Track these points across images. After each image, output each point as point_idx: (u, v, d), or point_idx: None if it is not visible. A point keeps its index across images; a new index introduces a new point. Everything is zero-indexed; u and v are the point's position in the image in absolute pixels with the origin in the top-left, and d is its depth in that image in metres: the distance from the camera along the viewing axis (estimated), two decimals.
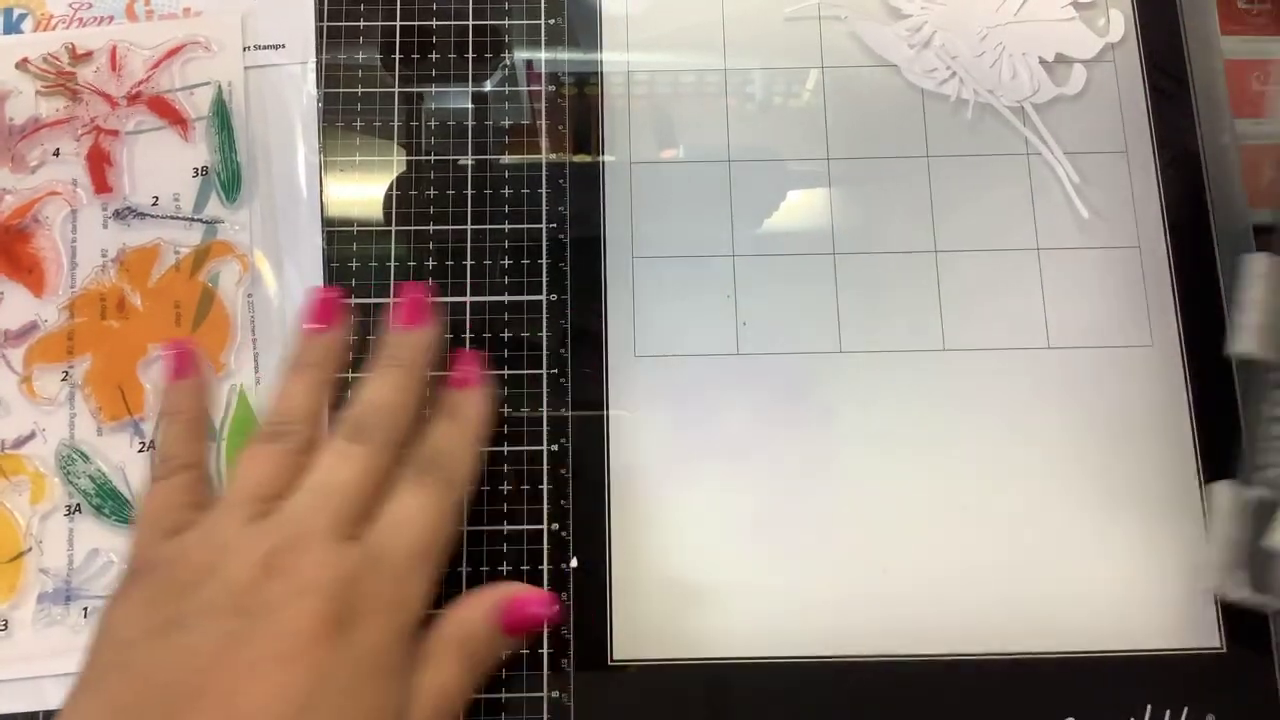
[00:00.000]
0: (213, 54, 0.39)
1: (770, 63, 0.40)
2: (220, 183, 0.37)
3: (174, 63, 0.38)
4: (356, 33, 0.40)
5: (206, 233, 0.37)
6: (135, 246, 0.37)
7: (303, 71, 0.39)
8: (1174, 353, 0.37)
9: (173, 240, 0.37)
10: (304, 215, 0.38)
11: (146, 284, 0.36)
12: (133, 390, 0.36)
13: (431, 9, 0.40)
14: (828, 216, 0.38)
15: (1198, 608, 0.35)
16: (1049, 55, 0.39)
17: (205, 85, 0.38)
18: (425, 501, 0.30)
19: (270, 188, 0.38)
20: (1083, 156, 0.39)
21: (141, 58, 0.38)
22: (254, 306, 0.37)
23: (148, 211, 0.37)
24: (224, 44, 0.39)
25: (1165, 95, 0.39)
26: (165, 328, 0.36)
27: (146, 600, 0.28)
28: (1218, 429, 0.36)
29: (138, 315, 0.36)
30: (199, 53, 0.39)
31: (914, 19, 0.40)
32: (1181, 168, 0.39)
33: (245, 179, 0.38)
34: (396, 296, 0.34)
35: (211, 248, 0.37)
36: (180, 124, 0.38)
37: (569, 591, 0.35)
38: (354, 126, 0.39)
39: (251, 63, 0.39)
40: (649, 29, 0.40)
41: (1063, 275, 0.37)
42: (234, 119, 0.38)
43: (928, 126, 0.39)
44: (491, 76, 0.39)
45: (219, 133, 0.38)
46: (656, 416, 0.36)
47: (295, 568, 0.27)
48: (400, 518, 0.30)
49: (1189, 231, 0.38)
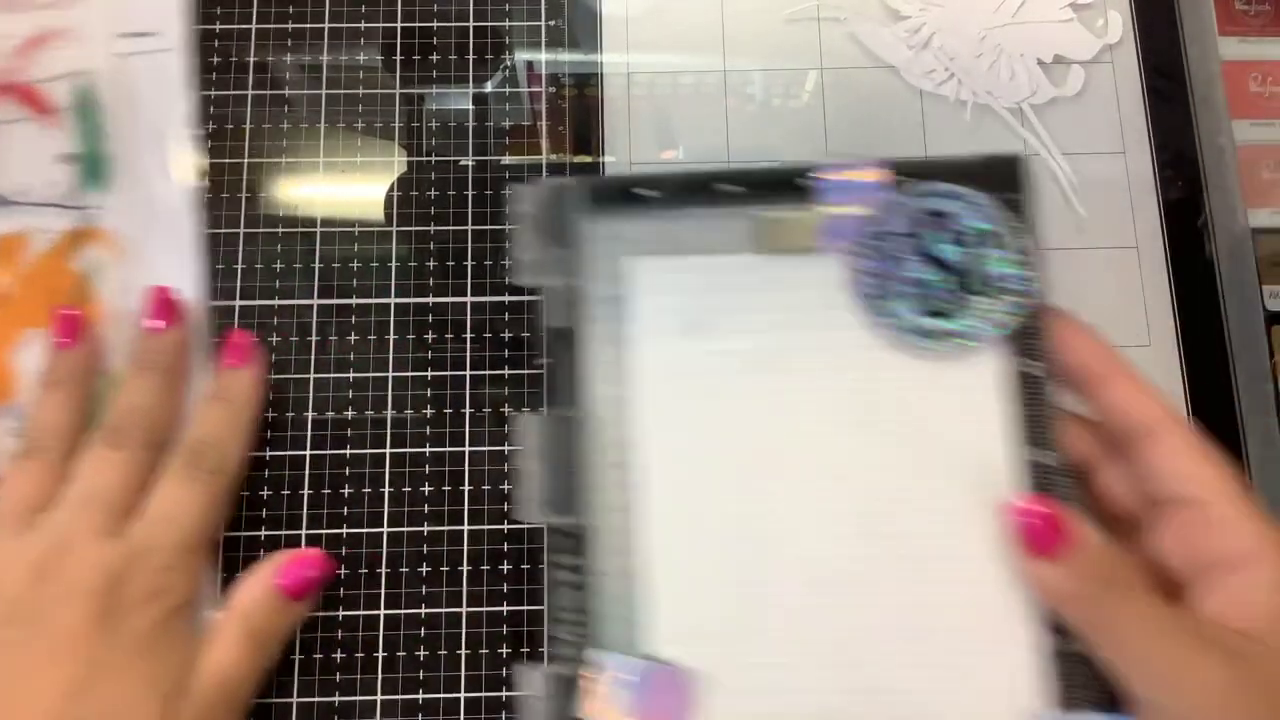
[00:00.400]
0: (80, 42, 0.39)
1: (770, 64, 0.40)
2: (88, 170, 0.38)
3: (40, 51, 0.38)
4: (357, 34, 0.40)
5: (78, 219, 0.37)
6: (4, 234, 0.37)
7: (173, 58, 0.39)
8: (1171, 353, 0.37)
9: (43, 227, 0.37)
10: (175, 200, 0.38)
11: (17, 271, 0.37)
12: (5, 377, 0.36)
13: (432, 10, 0.40)
14: None
15: None
16: (1047, 57, 0.40)
17: (73, 74, 0.38)
18: (188, 492, 0.32)
19: (140, 174, 0.38)
20: (1080, 157, 0.39)
21: (6, 46, 0.38)
22: (123, 292, 0.37)
23: (16, 200, 0.37)
24: (92, 32, 0.39)
25: (1163, 96, 0.39)
26: (37, 315, 0.36)
27: None
28: (1215, 430, 0.36)
29: (9, 303, 0.37)
30: (66, 41, 0.39)
31: (913, 20, 0.40)
32: (1179, 169, 0.39)
33: (114, 166, 0.38)
34: (145, 301, 0.35)
35: (82, 234, 0.37)
36: (47, 113, 0.38)
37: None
38: (354, 127, 0.39)
39: (122, 50, 0.39)
40: (649, 30, 0.40)
41: (1061, 275, 0.37)
42: (101, 106, 0.38)
43: (926, 127, 0.39)
44: (492, 78, 0.40)
45: (86, 120, 0.38)
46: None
47: (61, 572, 0.29)
48: (164, 511, 0.32)
49: (1186, 232, 0.38)
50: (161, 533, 0.31)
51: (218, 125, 0.39)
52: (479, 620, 0.35)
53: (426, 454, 0.36)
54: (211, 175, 0.39)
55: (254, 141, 0.39)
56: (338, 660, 0.34)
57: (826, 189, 0.32)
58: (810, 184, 0.32)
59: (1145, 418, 0.29)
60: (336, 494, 0.36)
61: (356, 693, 0.34)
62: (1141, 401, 0.29)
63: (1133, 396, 0.29)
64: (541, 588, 0.35)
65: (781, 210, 0.32)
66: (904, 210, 0.31)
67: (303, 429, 0.36)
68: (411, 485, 0.36)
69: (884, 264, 0.31)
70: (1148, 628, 0.27)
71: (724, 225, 0.32)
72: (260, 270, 0.38)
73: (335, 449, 0.36)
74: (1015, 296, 0.30)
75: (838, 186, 0.32)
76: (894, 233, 0.31)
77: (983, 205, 0.31)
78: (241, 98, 0.39)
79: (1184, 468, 0.28)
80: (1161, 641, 0.26)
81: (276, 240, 0.38)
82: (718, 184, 0.32)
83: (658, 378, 0.31)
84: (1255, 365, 0.37)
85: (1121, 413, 0.29)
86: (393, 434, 0.36)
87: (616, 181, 0.33)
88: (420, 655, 0.34)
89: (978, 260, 0.31)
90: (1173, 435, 0.28)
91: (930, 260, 0.31)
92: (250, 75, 0.40)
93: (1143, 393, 0.29)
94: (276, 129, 0.39)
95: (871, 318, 0.31)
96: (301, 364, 0.37)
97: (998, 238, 0.31)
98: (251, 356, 0.35)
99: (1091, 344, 0.30)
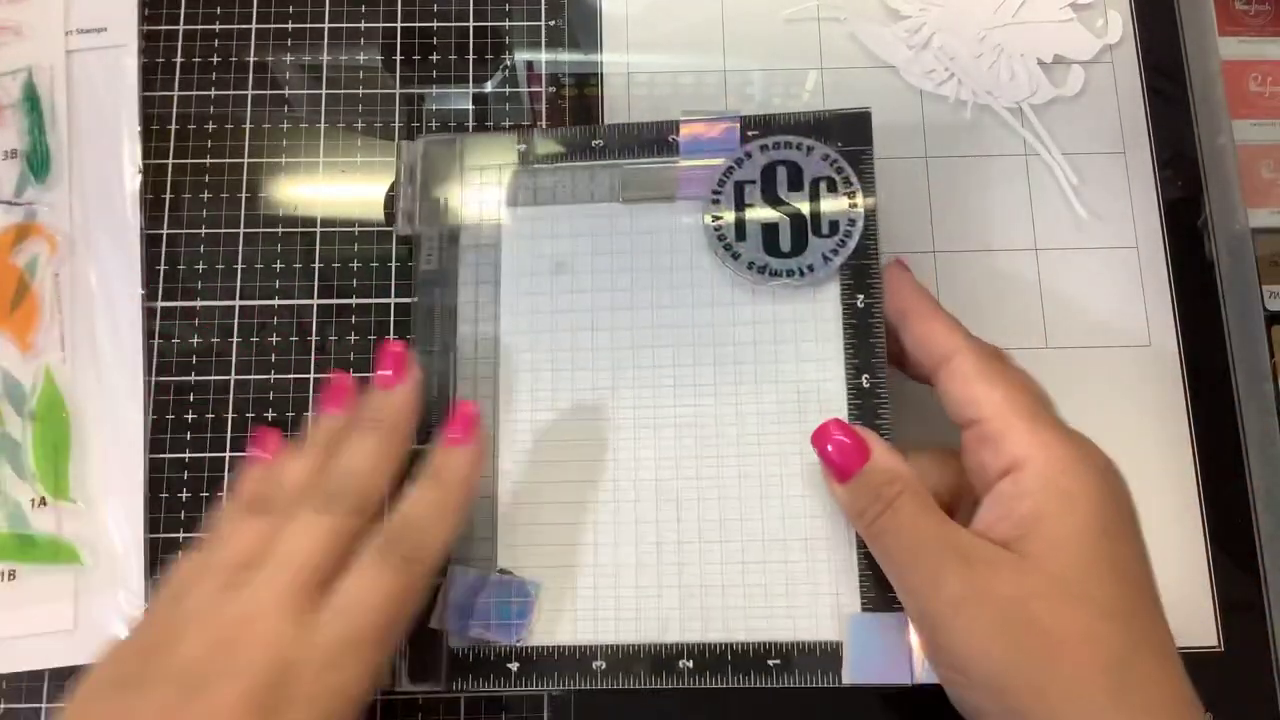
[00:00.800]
0: (31, 38, 0.39)
1: (769, 64, 0.40)
2: (30, 165, 0.38)
3: None
4: (358, 33, 0.40)
5: (23, 215, 0.38)
6: None
7: (124, 54, 0.39)
8: (1171, 353, 0.37)
9: None
10: (121, 195, 0.38)
11: None
12: None
13: (432, 10, 0.40)
14: None
15: (1195, 607, 0.35)
16: (1047, 56, 0.40)
17: (21, 70, 0.39)
18: (381, 581, 0.29)
19: (85, 169, 0.38)
20: (1081, 157, 0.39)
21: None
22: (61, 286, 0.37)
23: None
24: (42, 27, 0.39)
25: (1163, 96, 0.39)
26: None
27: (130, 649, 0.29)
28: (1215, 428, 0.36)
29: None
30: (16, 37, 0.39)
31: (913, 20, 0.40)
32: (1179, 168, 0.39)
33: (57, 161, 0.38)
34: (378, 353, 0.33)
35: (24, 229, 0.37)
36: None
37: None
38: (354, 127, 0.39)
39: (73, 46, 0.39)
40: (649, 30, 0.40)
41: (1061, 275, 0.38)
42: (45, 102, 0.38)
43: (926, 127, 0.39)
44: (492, 78, 0.40)
45: (29, 115, 0.38)
46: None
47: (238, 644, 0.28)
48: (352, 599, 0.29)
49: (1186, 232, 0.38)
50: (343, 623, 0.29)
51: (218, 125, 0.39)
52: None
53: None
54: (211, 175, 0.39)
55: (254, 141, 0.39)
56: None
57: (687, 143, 0.35)
58: (673, 139, 0.35)
59: (944, 348, 0.31)
60: None
61: None
62: (942, 334, 0.31)
63: (936, 329, 0.31)
64: None
65: (645, 163, 0.35)
66: (754, 161, 0.34)
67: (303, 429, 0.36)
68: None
69: (736, 210, 0.34)
70: (905, 542, 0.29)
71: (592, 177, 0.36)
72: (260, 270, 0.38)
73: None
74: (848, 237, 0.33)
75: (696, 141, 0.35)
76: (746, 180, 0.34)
77: (826, 156, 0.34)
78: (241, 98, 0.39)
79: (968, 391, 0.30)
80: (916, 555, 0.29)
81: (276, 240, 0.38)
82: (590, 140, 0.36)
83: (523, 316, 0.35)
84: (1255, 365, 0.37)
85: (926, 345, 0.31)
86: None
87: (491, 139, 0.36)
88: None
89: (817, 204, 0.33)
90: (963, 361, 0.30)
91: (777, 204, 0.34)
92: (250, 75, 0.40)
93: (945, 326, 0.31)
94: (276, 129, 0.39)
95: (723, 257, 0.34)
96: (301, 364, 0.37)
97: (834, 184, 0.33)
98: (474, 433, 0.32)
99: (910, 287, 0.33)
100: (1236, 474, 0.36)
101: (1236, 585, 0.35)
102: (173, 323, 0.37)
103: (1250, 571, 0.35)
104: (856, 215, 0.33)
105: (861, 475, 0.30)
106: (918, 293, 0.32)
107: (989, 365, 0.30)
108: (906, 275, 0.33)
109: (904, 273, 0.33)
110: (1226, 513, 0.35)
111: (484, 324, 0.35)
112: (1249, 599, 0.35)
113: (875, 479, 0.30)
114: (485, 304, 0.35)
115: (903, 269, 0.33)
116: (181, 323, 0.37)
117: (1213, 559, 0.35)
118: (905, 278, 0.33)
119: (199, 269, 0.38)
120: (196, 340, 0.37)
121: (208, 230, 0.38)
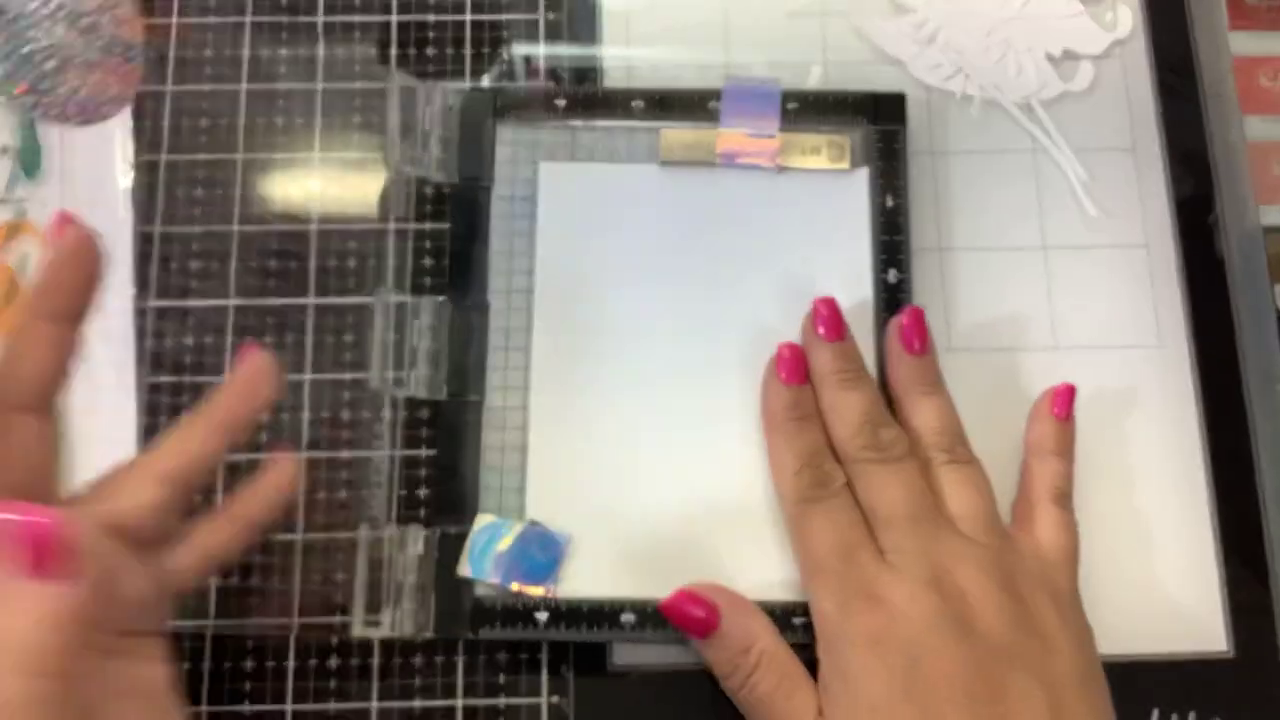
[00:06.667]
0: None
1: (773, 58, 0.39)
2: (21, 161, 0.37)
3: None
4: (352, 27, 0.39)
5: (15, 212, 0.37)
6: None
7: None
8: (1182, 352, 0.36)
9: None
10: (114, 192, 0.38)
11: None
12: None
13: (429, 3, 0.40)
14: None
15: (1205, 612, 0.34)
16: (1056, 51, 0.39)
17: None
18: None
19: (77, 166, 0.38)
20: (1090, 153, 0.38)
21: None
22: None
23: None
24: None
25: (1173, 92, 0.39)
26: None
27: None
28: (1226, 430, 0.36)
29: None
30: None
31: (919, 14, 0.39)
32: (1190, 165, 0.38)
33: (48, 158, 0.38)
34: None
35: (14, 227, 0.37)
36: None
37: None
38: (351, 122, 0.39)
39: None
40: (649, 23, 0.40)
41: (1070, 274, 0.37)
42: None
43: (933, 123, 0.38)
44: (490, 71, 0.39)
45: (19, 111, 0.38)
46: None
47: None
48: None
49: (1197, 229, 0.37)
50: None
51: (212, 121, 0.38)
52: None
53: (424, 456, 0.36)
54: (206, 171, 0.38)
55: (248, 137, 0.38)
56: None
57: (728, 110, 0.36)
58: (714, 105, 0.36)
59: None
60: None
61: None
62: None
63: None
64: None
65: (685, 127, 0.36)
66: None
67: (299, 429, 0.36)
68: (408, 488, 0.35)
69: None
70: (768, 715, 0.30)
71: (630, 137, 0.37)
72: (254, 269, 0.37)
73: (332, 450, 0.35)
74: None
75: (738, 105, 0.36)
76: None
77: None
78: (235, 93, 0.39)
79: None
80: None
81: (271, 238, 0.37)
82: (630, 100, 0.37)
83: (557, 269, 0.35)
84: (1266, 363, 0.36)
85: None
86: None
87: (529, 90, 0.38)
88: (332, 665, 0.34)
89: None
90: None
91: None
92: (244, 69, 0.39)
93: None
94: (271, 124, 0.38)
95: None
96: (296, 364, 0.36)
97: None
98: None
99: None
100: (1248, 477, 0.35)
101: (1247, 590, 0.34)
102: (166, 322, 0.37)
103: (1261, 576, 0.35)
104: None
105: (715, 640, 0.31)
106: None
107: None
108: None
109: None
110: (1237, 516, 0.35)
111: (517, 276, 0.36)
112: (1260, 604, 0.34)
113: (731, 645, 0.31)
114: (520, 255, 0.36)
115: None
116: (174, 322, 0.37)
117: (1224, 563, 0.35)
118: None
119: (192, 267, 0.37)
120: (190, 340, 0.37)
121: (201, 228, 0.37)
